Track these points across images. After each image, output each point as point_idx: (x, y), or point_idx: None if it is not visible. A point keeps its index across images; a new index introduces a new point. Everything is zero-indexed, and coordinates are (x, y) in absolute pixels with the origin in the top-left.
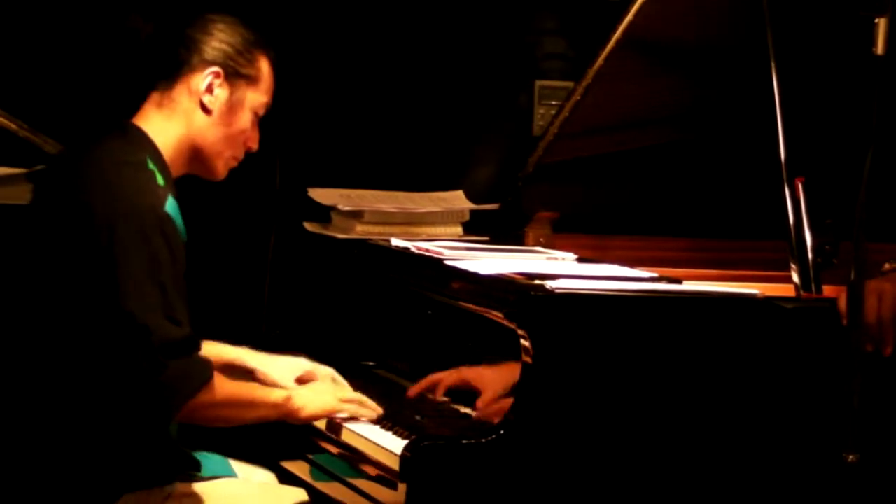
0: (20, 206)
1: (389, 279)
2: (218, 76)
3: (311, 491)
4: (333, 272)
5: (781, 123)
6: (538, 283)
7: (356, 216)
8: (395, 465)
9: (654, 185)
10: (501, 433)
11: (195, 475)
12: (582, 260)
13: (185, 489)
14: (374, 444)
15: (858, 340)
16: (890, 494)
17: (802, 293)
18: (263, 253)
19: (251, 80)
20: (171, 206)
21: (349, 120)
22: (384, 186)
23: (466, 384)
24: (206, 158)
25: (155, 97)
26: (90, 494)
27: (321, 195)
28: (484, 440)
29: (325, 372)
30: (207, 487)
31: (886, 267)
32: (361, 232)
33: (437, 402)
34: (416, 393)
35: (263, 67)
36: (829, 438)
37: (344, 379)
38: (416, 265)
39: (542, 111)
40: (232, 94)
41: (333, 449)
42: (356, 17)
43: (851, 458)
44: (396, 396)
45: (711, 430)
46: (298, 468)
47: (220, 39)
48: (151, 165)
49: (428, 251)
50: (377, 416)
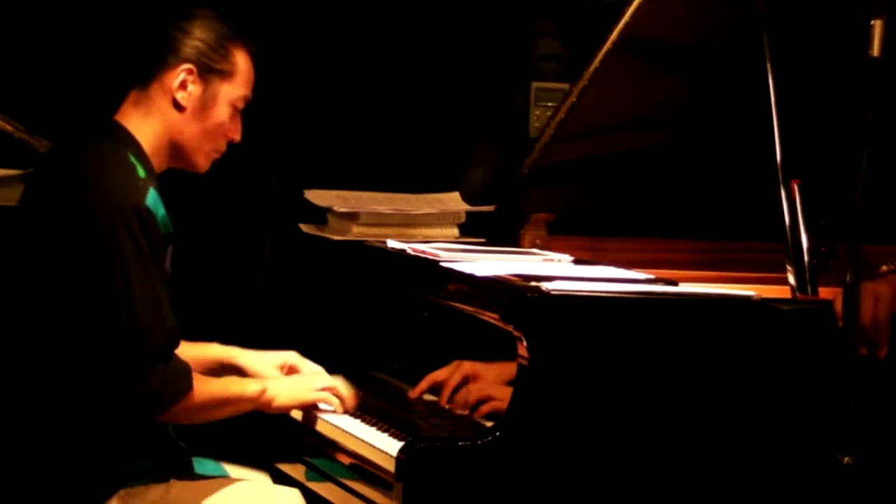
0: (14, 207)
1: (385, 281)
2: (191, 73)
3: (305, 492)
4: (329, 274)
5: (777, 125)
6: (534, 284)
7: (352, 218)
8: (390, 466)
9: (650, 186)
10: (497, 435)
11: (191, 473)
12: (578, 261)
13: (180, 486)
14: (368, 444)
15: (854, 342)
16: (885, 496)
17: (798, 295)
18: (259, 254)
19: (226, 74)
20: (152, 198)
21: (345, 121)
22: (380, 188)
23: (467, 378)
24: (185, 153)
25: (133, 95)
26: (84, 491)
27: (317, 197)
28: (479, 442)
29: (310, 368)
30: (202, 486)
31: (883, 269)
32: (357, 233)
33: (432, 403)
34: (419, 394)
35: (239, 61)
36: (824, 440)
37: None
38: (412, 267)
39: (538, 113)
40: (205, 89)
41: (323, 447)
42: (352, 18)
43: (847, 460)
44: (392, 398)
45: (708, 431)
46: (293, 469)
47: (193, 36)
48: (133, 159)
49: (424, 253)
50: (352, 406)
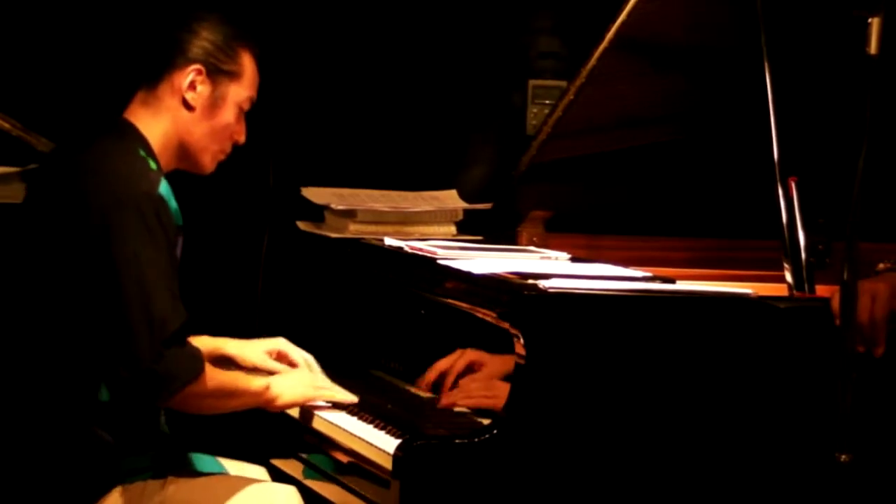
0: (14, 204)
1: (383, 278)
2: (200, 73)
3: (302, 489)
4: (327, 271)
5: (775, 123)
6: (531, 282)
7: (349, 215)
8: (388, 464)
9: (647, 184)
10: (494, 432)
11: (188, 469)
12: (575, 259)
13: (177, 483)
14: (365, 441)
15: (851, 340)
16: (883, 494)
17: (795, 293)
18: (257, 252)
19: (234, 75)
20: (164, 188)
21: (342, 119)
22: (377, 185)
23: (470, 367)
24: (192, 153)
25: (141, 95)
26: (81, 486)
27: (314, 194)
28: (477, 440)
29: (299, 356)
30: (200, 483)
31: (880, 267)
32: (355, 231)
33: (429, 400)
34: (428, 385)
35: (246, 62)
36: (821, 438)
37: (320, 370)
38: (409, 264)
39: (535, 110)
40: (214, 90)
41: (320, 444)
42: (350, 16)
43: (844, 457)
44: (390, 395)
45: (705, 429)
46: (290, 466)
47: (202, 37)
48: (143, 154)
49: (421, 250)
50: (350, 403)
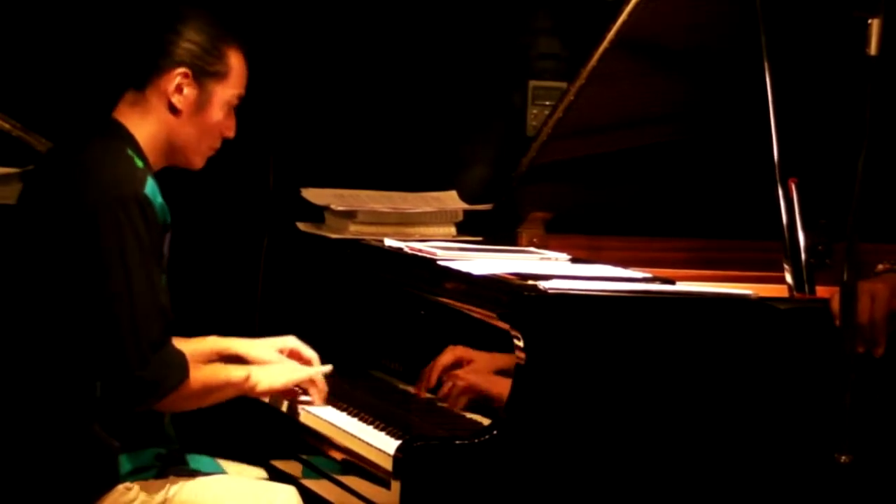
0: (13, 205)
1: (383, 279)
2: (186, 76)
3: (302, 489)
4: (327, 272)
5: (775, 123)
6: (531, 283)
7: (349, 216)
8: (388, 464)
9: (647, 185)
10: (494, 433)
11: (188, 469)
12: (575, 260)
13: (178, 483)
14: (365, 443)
15: (851, 341)
16: (883, 495)
17: (796, 294)
18: (257, 253)
19: (220, 75)
20: (150, 187)
21: (343, 120)
22: (377, 186)
23: (460, 361)
24: (181, 152)
25: (129, 97)
26: (81, 485)
27: (314, 195)
28: (477, 440)
29: (309, 353)
30: (200, 482)
31: (880, 268)
32: (355, 232)
33: (430, 401)
34: (433, 385)
35: (233, 61)
36: (821, 439)
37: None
38: (409, 265)
39: (535, 111)
40: (201, 92)
41: (319, 445)
42: (350, 16)
43: (844, 458)
44: (390, 396)
45: (705, 430)
46: (289, 467)
47: (187, 39)
48: (131, 153)
49: (421, 251)
50: (325, 396)
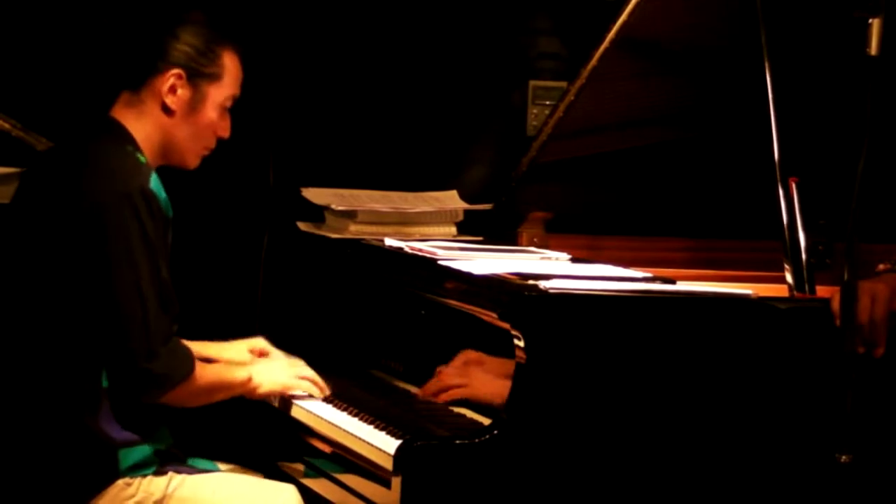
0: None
1: (383, 279)
2: (180, 77)
3: (303, 489)
4: (327, 272)
5: (775, 123)
6: (532, 283)
7: (350, 216)
8: (388, 464)
9: (648, 185)
10: (495, 433)
11: (188, 466)
12: (575, 260)
13: (178, 479)
14: (366, 442)
15: (851, 341)
16: (883, 495)
17: (796, 293)
18: (257, 253)
19: (214, 77)
20: (154, 181)
21: (343, 119)
22: (378, 186)
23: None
24: (175, 153)
25: (125, 97)
26: (81, 480)
27: (315, 195)
28: (477, 440)
29: (278, 353)
30: (200, 479)
31: (880, 268)
32: (355, 232)
33: (430, 400)
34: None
35: (228, 63)
36: (822, 439)
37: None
38: (409, 265)
39: (535, 111)
40: (194, 93)
41: (319, 445)
42: (350, 16)
43: (844, 458)
44: (390, 396)
45: (705, 430)
46: (290, 468)
47: (183, 41)
48: (131, 150)
49: (421, 251)
50: (328, 393)
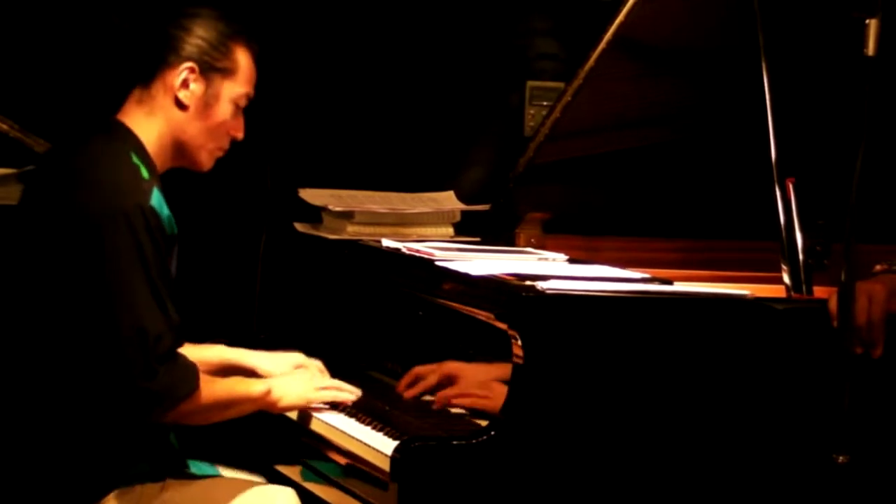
0: (12, 206)
1: (380, 280)
2: (193, 71)
3: (301, 491)
4: (324, 273)
5: (772, 124)
6: (529, 283)
7: (347, 217)
8: (385, 465)
9: (645, 185)
10: (492, 434)
11: (186, 473)
12: (573, 261)
13: (175, 486)
14: (363, 443)
15: (849, 342)
16: (880, 495)
17: (793, 294)
18: (254, 254)
19: (228, 72)
20: (156, 198)
21: (340, 121)
22: (375, 187)
23: (447, 379)
24: (188, 152)
25: (135, 94)
26: (80, 489)
27: (312, 196)
28: (475, 441)
29: (316, 365)
30: (197, 485)
31: (877, 268)
32: (352, 233)
33: (427, 401)
34: (404, 387)
35: (241, 59)
36: (819, 439)
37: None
38: (407, 266)
39: (532, 112)
40: (208, 88)
41: (317, 447)
42: (348, 17)
43: (842, 459)
44: (388, 397)
45: (703, 430)
46: (289, 470)
47: (195, 34)
48: (136, 160)
49: (419, 252)
50: (355, 398)
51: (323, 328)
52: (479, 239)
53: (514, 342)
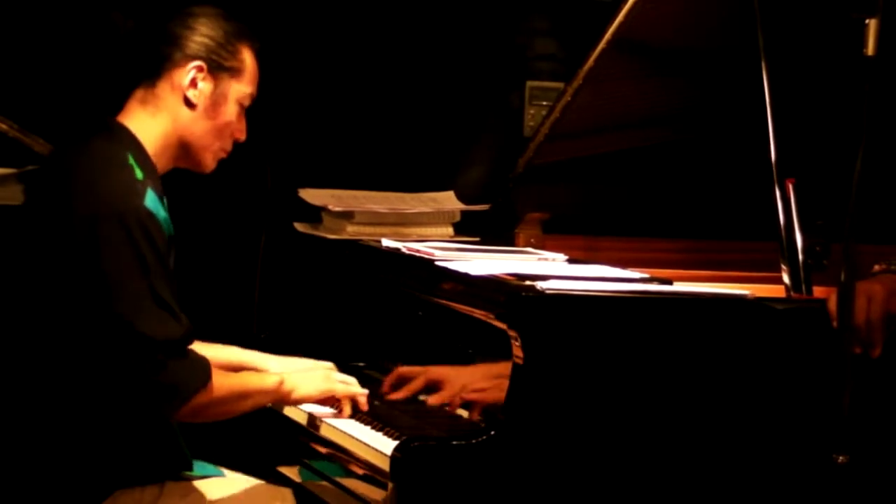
0: (11, 206)
1: (380, 280)
2: (201, 70)
3: (300, 491)
4: (324, 273)
5: (772, 124)
6: (528, 283)
7: (347, 217)
8: (385, 465)
9: (645, 185)
10: (492, 434)
11: (186, 474)
12: (572, 261)
13: (176, 487)
14: (363, 443)
15: (848, 342)
16: (880, 495)
17: (793, 294)
18: (254, 254)
19: (235, 72)
20: (151, 200)
21: (340, 120)
22: (375, 187)
23: (433, 384)
24: (193, 152)
25: (139, 94)
26: (82, 490)
27: (312, 196)
28: (474, 441)
29: (342, 377)
30: (198, 486)
31: (876, 268)
32: (352, 233)
33: (427, 402)
34: (388, 388)
35: (247, 59)
36: (819, 439)
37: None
38: (406, 266)
39: (532, 112)
40: (216, 87)
41: (317, 447)
42: (347, 17)
43: (841, 459)
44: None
45: (703, 430)
46: (288, 470)
47: (201, 33)
48: (132, 161)
49: (419, 252)
50: (366, 394)
51: (323, 328)
52: (478, 239)
53: (513, 342)
